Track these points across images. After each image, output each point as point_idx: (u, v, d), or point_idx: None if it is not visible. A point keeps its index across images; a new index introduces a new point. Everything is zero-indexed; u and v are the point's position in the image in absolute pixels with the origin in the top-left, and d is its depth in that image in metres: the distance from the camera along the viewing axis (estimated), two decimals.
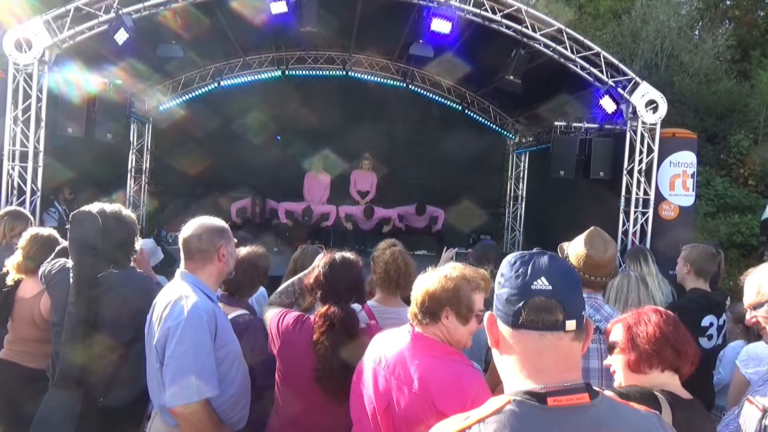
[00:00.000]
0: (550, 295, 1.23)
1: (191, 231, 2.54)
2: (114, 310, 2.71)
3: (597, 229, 2.69)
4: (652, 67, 14.33)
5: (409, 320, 2.09)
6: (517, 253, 1.33)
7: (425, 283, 2.06)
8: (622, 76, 7.31)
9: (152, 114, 10.28)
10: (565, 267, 1.33)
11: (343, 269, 2.55)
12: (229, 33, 8.85)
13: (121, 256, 2.83)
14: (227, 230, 2.62)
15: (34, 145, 6.76)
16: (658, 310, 2.08)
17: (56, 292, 2.85)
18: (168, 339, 2.29)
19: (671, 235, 7.29)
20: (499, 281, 1.31)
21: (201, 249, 2.51)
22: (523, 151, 11.20)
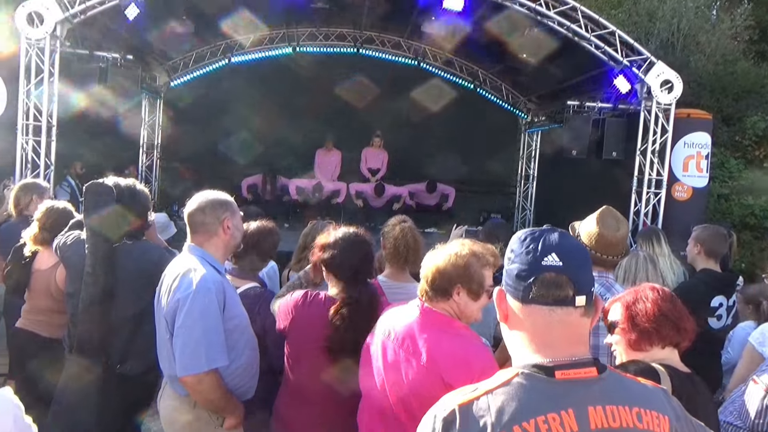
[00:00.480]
0: (561, 270, 1.24)
1: (195, 205, 2.57)
2: (128, 280, 2.77)
3: (609, 208, 2.69)
4: (668, 47, 14.06)
5: (418, 296, 2.10)
6: (527, 230, 1.33)
7: (435, 260, 2.07)
8: (637, 55, 7.19)
9: (163, 90, 10.28)
10: (575, 243, 1.34)
11: (357, 245, 2.56)
12: (240, 8, 8.77)
13: (133, 227, 2.88)
14: (231, 203, 2.63)
15: (47, 120, 6.79)
16: (654, 287, 2.09)
17: (71, 263, 2.90)
18: (177, 311, 2.33)
19: (684, 217, 7.23)
20: (509, 257, 1.32)
21: (205, 222, 2.53)
22: (535, 130, 11.10)
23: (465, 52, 10.56)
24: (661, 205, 7.29)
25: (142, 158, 10.30)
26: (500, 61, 9.75)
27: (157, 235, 3.61)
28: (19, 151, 6.74)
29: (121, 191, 2.82)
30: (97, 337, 2.74)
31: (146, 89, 9.23)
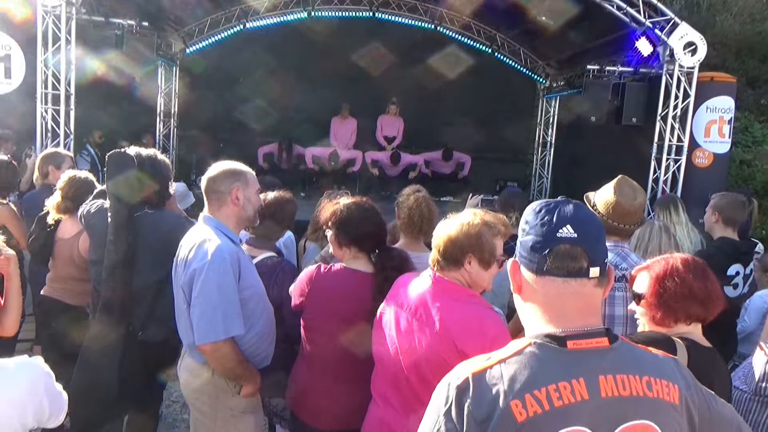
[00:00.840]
0: (575, 242, 1.25)
1: (208, 174, 2.61)
2: (149, 248, 2.84)
3: (625, 177, 2.67)
4: (693, 6, 13.60)
5: (430, 266, 2.12)
6: (541, 201, 1.34)
7: (446, 229, 2.08)
8: (660, 16, 6.98)
9: (179, 57, 10.26)
10: (589, 215, 1.34)
11: (371, 214, 2.55)
12: None
13: (154, 196, 2.93)
14: (244, 173, 2.63)
15: (65, 88, 6.84)
16: (686, 261, 2.02)
17: (95, 231, 2.96)
18: (194, 280, 2.38)
19: (704, 184, 7.12)
20: (524, 228, 1.32)
21: (216, 191, 2.57)
22: (553, 96, 10.91)
23: (483, 15, 10.31)
24: (681, 172, 7.18)
25: (159, 126, 10.35)
26: (519, 25, 9.52)
27: (177, 205, 3.66)
28: (39, 120, 6.82)
29: (142, 161, 2.86)
30: (119, 303, 2.82)
31: (162, 56, 9.21)
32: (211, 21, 10.25)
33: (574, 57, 9.45)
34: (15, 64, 6.78)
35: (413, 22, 10.77)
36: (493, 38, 10.80)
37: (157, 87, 10.10)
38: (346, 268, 2.50)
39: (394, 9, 10.63)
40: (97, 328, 2.87)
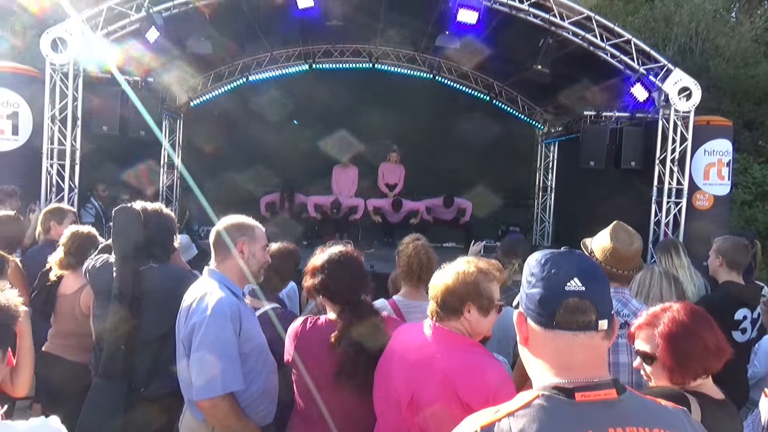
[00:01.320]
0: (584, 295, 1.26)
1: (217, 227, 2.64)
2: (154, 303, 2.84)
3: (620, 223, 2.70)
4: (686, 51, 13.95)
5: (429, 316, 2.12)
6: (545, 252, 1.35)
7: (443, 279, 2.09)
8: (654, 63, 7.16)
9: (183, 110, 10.48)
10: (595, 266, 1.36)
11: (345, 266, 2.53)
12: (256, 28, 8.94)
13: (160, 251, 2.96)
14: (251, 228, 2.66)
15: (71, 143, 6.98)
16: (690, 312, 1.99)
17: (100, 286, 2.97)
18: (194, 334, 2.38)
19: (706, 226, 7.14)
20: (529, 280, 1.33)
21: (222, 243, 2.59)
22: (551, 141, 11.07)
23: (480, 64, 10.57)
24: (682, 214, 7.21)
25: (162, 178, 10.47)
26: (515, 73, 9.76)
27: (181, 257, 3.67)
28: (44, 175, 6.93)
29: (148, 215, 2.90)
30: (122, 359, 2.80)
31: (166, 110, 9.42)
32: (215, 75, 10.53)
33: (571, 103, 9.62)
34: (22, 121, 6.93)
35: (412, 72, 11.04)
36: (491, 86, 11.05)
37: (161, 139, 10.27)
38: (328, 320, 2.49)
39: (393, 60, 10.94)
40: (99, 389, 2.84)
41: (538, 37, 7.38)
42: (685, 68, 7.46)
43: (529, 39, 7.53)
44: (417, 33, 9.73)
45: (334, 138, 10.47)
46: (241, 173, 10.60)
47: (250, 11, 7.85)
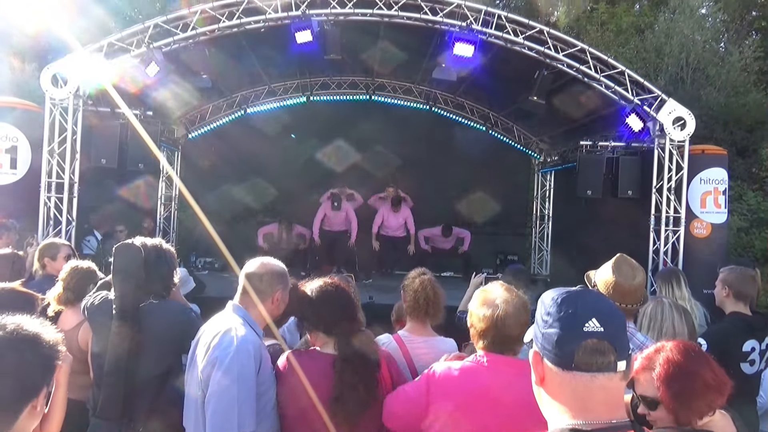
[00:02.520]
0: (603, 336, 1.24)
1: (254, 269, 2.61)
2: (154, 340, 2.79)
3: (623, 256, 2.68)
4: (678, 81, 14.17)
5: (479, 350, 2.15)
6: (560, 291, 1.33)
7: (492, 311, 2.11)
8: (647, 93, 7.25)
9: (181, 142, 10.52)
10: (611, 306, 1.34)
11: (333, 297, 2.57)
12: (255, 62, 9.05)
13: (160, 287, 2.92)
14: (287, 276, 2.68)
15: (70, 177, 6.97)
16: (683, 350, 1.94)
17: (99, 323, 2.92)
18: (215, 369, 2.33)
19: (704, 254, 7.16)
20: (545, 320, 1.31)
21: (259, 289, 2.57)
22: (548, 170, 11.14)
23: (476, 95, 10.72)
24: (680, 242, 7.22)
25: (160, 210, 10.45)
26: (511, 103, 9.86)
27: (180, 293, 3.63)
28: (42, 208, 6.90)
29: (148, 252, 2.87)
30: (121, 397, 2.74)
31: (164, 142, 9.45)
32: (213, 107, 10.61)
33: (567, 133, 9.73)
34: (21, 155, 6.94)
35: (409, 104, 11.16)
36: (487, 116, 11.15)
37: (159, 172, 10.28)
38: (313, 353, 2.49)
39: (390, 92, 11.06)
40: (96, 426, 2.77)
41: (534, 68, 7.49)
42: (677, 98, 7.56)
43: (525, 71, 7.63)
44: (413, 65, 9.86)
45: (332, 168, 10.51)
46: (239, 205, 10.61)
47: (249, 46, 7.95)
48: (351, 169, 10.64)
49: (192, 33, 6.90)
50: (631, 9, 17.76)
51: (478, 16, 7.03)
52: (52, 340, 1.68)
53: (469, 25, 6.98)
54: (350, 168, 10.64)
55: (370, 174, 10.60)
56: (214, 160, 10.68)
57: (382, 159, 10.80)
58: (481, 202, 10.77)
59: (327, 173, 10.51)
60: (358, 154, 10.78)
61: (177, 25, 6.90)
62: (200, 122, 10.67)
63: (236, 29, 7.04)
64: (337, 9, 6.93)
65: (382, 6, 6.97)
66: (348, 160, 10.76)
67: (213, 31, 6.96)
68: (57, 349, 1.69)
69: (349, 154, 10.76)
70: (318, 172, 10.60)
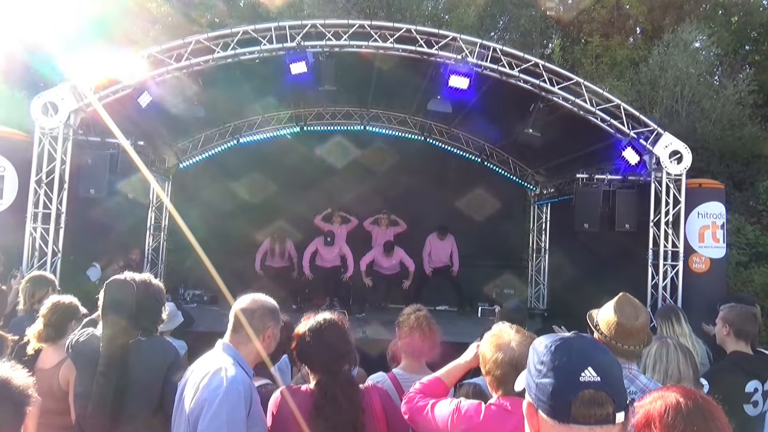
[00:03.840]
0: (600, 386, 1.22)
1: (245, 305, 2.58)
2: (141, 378, 2.76)
3: (626, 296, 2.67)
4: (673, 114, 14.38)
5: (495, 396, 2.14)
6: (553, 337, 1.31)
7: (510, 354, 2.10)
8: (643, 127, 7.35)
9: (172, 171, 10.52)
10: (607, 353, 1.32)
11: (327, 334, 2.57)
12: (248, 92, 9.12)
13: (148, 323, 2.90)
14: (278, 312, 2.67)
15: (57, 207, 6.93)
16: (683, 404, 1.89)
17: (84, 362, 2.87)
18: (203, 410, 2.29)
19: (704, 289, 7.16)
20: (539, 368, 1.28)
21: (250, 325, 2.54)
22: (544, 202, 11.19)
23: (470, 127, 10.83)
24: (679, 277, 7.22)
25: (148, 240, 10.39)
26: (507, 136, 9.96)
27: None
28: (28, 239, 6.84)
29: (138, 288, 2.85)
30: None
31: (155, 172, 9.45)
32: (205, 137, 10.67)
33: (563, 165, 9.81)
34: (8, 185, 6.91)
35: (403, 134, 11.25)
36: (482, 148, 11.25)
37: (148, 201, 10.26)
38: (308, 390, 2.49)
39: (384, 122, 11.15)
40: None
41: (529, 101, 7.59)
42: (673, 130, 7.65)
43: (520, 103, 7.73)
44: (408, 97, 9.98)
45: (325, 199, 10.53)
46: (232, 235, 10.58)
47: (243, 76, 8.02)
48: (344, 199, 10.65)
49: (186, 63, 6.96)
50: (626, 42, 18.15)
51: (474, 49, 7.15)
52: (23, 386, 1.64)
53: (464, 57, 7.10)
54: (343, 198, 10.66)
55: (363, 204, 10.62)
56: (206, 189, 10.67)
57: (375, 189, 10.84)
58: (476, 234, 10.78)
59: (319, 203, 10.50)
60: (351, 185, 10.82)
61: (171, 55, 6.96)
62: (192, 151, 10.70)
63: (230, 60, 7.13)
64: (332, 41, 7.04)
65: (377, 38, 7.09)
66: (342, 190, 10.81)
67: (207, 61, 7.04)
68: (28, 395, 1.64)
69: (343, 184, 10.80)
70: (310, 202, 10.60)
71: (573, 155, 9.23)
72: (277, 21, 7.20)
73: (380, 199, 10.74)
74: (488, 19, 18.96)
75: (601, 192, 8.03)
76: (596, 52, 17.19)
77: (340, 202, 10.53)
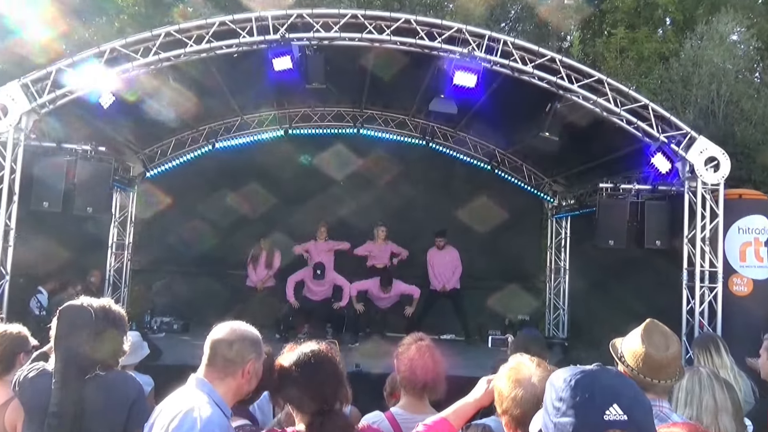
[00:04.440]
0: (626, 426, 1.22)
1: (223, 335, 2.56)
2: (100, 417, 2.74)
3: (654, 322, 2.66)
4: (709, 115, 14.44)
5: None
6: (573, 370, 1.31)
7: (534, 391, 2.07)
8: (675, 130, 7.38)
9: (138, 181, 10.51)
10: (634, 388, 1.32)
11: (315, 370, 2.53)
12: (226, 91, 9.15)
13: (109, 356, 2.87)
14: (261, 344, 2.64)
15: (5, 223, 6.91)
16: None
17: (33, 402, 2.85)
18: None
19: (746, 314, 7.15)
20: (557, 406, 1.28)
21: (228, 358, 2.52)
22: (563, 215, 11.21)
23: (479, 130, 10.87)
24: (718, 301, 7.22)
25: (110, 260, 10.35)
26: (520, 140, 10.00)
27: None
28: None
29: (96, 315, 2.83)
30: None
31: (118, 182, 9.44)
32: (176, 142, 10.66)
33: (584, 173, 9.85)
34: None
35: (402, 138, 11.27)
36: (492, 153, 11.28)
37: (110, 216, 10.23)
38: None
39: (381, 125, 11.18)
40: None
41: (545, 101, 7.63)
42: (708, 134, 7.68)
43: (535, 103, 7.78)
44: (408, 96, 10.02)
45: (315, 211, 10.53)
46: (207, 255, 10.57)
47: (219, 73, 8.06)
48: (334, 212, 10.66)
49: (154, 58, 6.99)
50: (654, 34, 18.25)
51: (482, 41, 7.20)
52: None
53: (471, 52, 7.13)
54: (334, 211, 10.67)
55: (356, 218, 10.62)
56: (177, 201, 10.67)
57: (370, 201, 10.84)
58: (485, 251, 10.76)
59: (306, 218, 10.49)
60: (342, 196, 10.83)
61: (137, 49, 6.99)
62: (161, 158, 10.70)
63: (205, 54, 7.16)
64: (321, 33, 7.08)
65: (372, 30, 7.13)
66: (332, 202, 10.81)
67: (179, 56, 7.06)
68: None
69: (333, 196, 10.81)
70: (296, 216, 10.60)
71: (595, 162, 9.27)
72: (258, 11, 7.24)
73: (376, 213, 10.74)
74: (498, 9, 19.11)
75: (628, 204, 8.06)
76: (621, 46, 17.28)
77: (329, 216, 10.51)
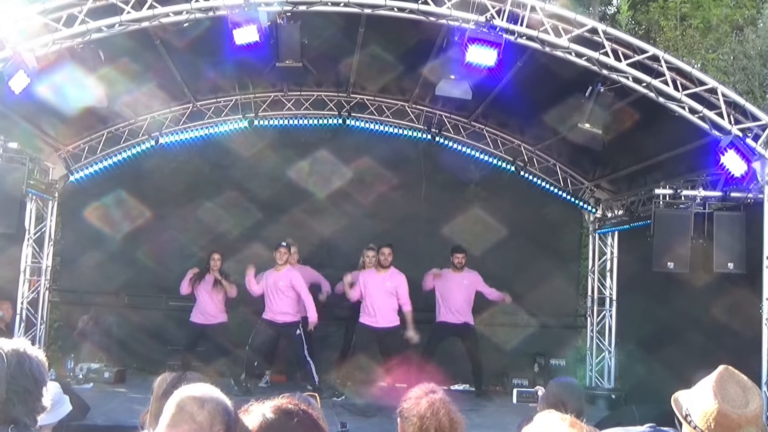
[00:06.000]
0: None
1: (194, 393, 2.57)
2: None
3: (729, 370, 2.67)
4: None
5: None
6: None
7: None
8: (752, 120, 7.41)
9: (59, 187, 10.51)
10: None
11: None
12: (173, 71, 9.16)
13: (23, 413, 2.87)
14: (233, 415, 2.67)
15: None
16: None
17: None
18: None
19: None
20: None
21: (196, 422, 2.54)
22: (609, 230, 11.23)
23: (500, 120, 10.90)
24: None
25: (22, 289, 10.32)
26: (552, 133, 10.02)
27: None
28: None
29: (7, 360, 2.84)
30: None
31: (34, 189, 9.44)
32: (109, 135, 10.66)
33: (635, 176, 9.89)
34: None
35: (401, 131, 11.29)
36: (518, 151, 11.29)
37: (22, 233, 10.21)
38: None
39: (374, 113, 11.17)
40: None
41: (585, 83, 7.68)
42: None
43: (571, 86, 7.83)
44: (407, 78, 10.04)
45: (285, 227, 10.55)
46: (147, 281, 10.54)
47: (165, 47, 8.08)
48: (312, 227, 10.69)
49: (81, 29, 7.00)
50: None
51: (503, 7, 7.17)
52: None
53: (489, 19, 7.14)
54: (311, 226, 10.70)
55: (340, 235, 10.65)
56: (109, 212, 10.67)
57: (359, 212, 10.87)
58: (508, 277, 10.76)
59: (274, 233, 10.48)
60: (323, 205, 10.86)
61: (59, 17, 7.00)
62: (89, 158, 10.68)
63: (147, 23, 7.17)
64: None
65: None
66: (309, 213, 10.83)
67: (112, 26, 7.08)
68: None
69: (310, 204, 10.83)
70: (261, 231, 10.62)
71: (649, 162, 9.31)
72: None
73: (366, 228, 10.76)
74: None
75: (692, 215, 8.09)
76: (682, 12, 17.38)
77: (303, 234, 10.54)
